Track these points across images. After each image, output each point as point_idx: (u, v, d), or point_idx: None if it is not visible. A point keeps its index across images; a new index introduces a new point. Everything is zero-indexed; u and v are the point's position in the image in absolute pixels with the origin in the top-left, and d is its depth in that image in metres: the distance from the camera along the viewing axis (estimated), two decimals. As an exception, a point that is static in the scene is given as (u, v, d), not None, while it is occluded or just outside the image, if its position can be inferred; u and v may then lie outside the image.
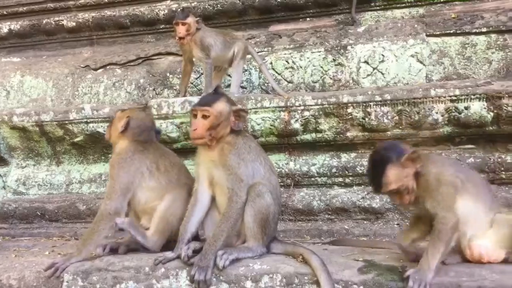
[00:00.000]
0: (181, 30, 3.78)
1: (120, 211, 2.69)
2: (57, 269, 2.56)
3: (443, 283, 2.07)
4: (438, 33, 3.94)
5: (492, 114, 3.27)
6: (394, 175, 2.23)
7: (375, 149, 2.49)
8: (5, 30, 5.09)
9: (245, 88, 4.28)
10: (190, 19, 3.81)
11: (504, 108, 3.23)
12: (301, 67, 4.18)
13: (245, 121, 2.67)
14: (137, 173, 2.76)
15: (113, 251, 2.72)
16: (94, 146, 4.11)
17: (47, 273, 2.56)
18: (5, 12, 5.07)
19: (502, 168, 3.28)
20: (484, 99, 3.27)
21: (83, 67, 4.76)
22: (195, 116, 2.59)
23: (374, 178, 2.30)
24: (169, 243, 2.70)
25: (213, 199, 2.66)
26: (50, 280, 2.54)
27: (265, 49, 4.30)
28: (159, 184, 2.79)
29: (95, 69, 4.71)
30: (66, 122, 4.05)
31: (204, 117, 2.55)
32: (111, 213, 2.65)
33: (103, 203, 2.72)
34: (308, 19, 4.52)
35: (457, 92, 3.32)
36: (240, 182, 2.48)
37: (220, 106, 2.57)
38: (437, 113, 3.37)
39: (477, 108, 3.29)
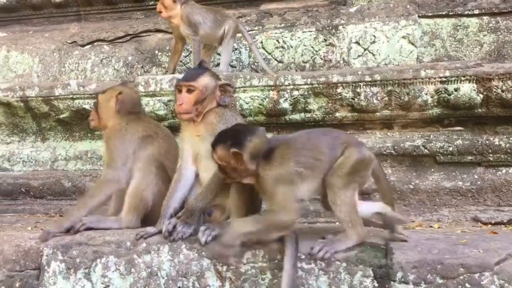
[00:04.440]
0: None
1: (119, 178, 2.71)
2: (49, 233, 2.57)
3: (426, 261, 2.06)
4: (430, 14, 3.89)
5: (481, 96, 3.24)
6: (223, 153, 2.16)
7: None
8: (-9, 4, 4.97)
9: (235, 67, 4.22)
10: None
11: (494, 90, 3.21)
12: (291, 47, 4.12)
13: (231, 96, 2.64)
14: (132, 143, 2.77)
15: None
16: (80, 123, 4.05)
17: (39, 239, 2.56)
18: (-10, -14, 4.96)
19: (490, 151, 3.26)
20: (474, 81, 3.24)
21: (70, 43, 4.67)
22: (179, 91, 2.56)
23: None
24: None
25: (197, 176, 2.61)
26: (29, 253, 2.50)
27: (256, 28, 4.23)
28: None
29: (83, 46, 4.62)
30: (52, 98, 3.98)
31: (189, 91, 2.53)
32: (110, 180, 2.70)
33: (104, 172, 2.79)
34: (300, -3, 4.46)
35: (447, 73, 3.28)
36: None
37: (205, 80, 2.54)
38: (426, 94, 3.34)
39: (467, 90, 3.25)
